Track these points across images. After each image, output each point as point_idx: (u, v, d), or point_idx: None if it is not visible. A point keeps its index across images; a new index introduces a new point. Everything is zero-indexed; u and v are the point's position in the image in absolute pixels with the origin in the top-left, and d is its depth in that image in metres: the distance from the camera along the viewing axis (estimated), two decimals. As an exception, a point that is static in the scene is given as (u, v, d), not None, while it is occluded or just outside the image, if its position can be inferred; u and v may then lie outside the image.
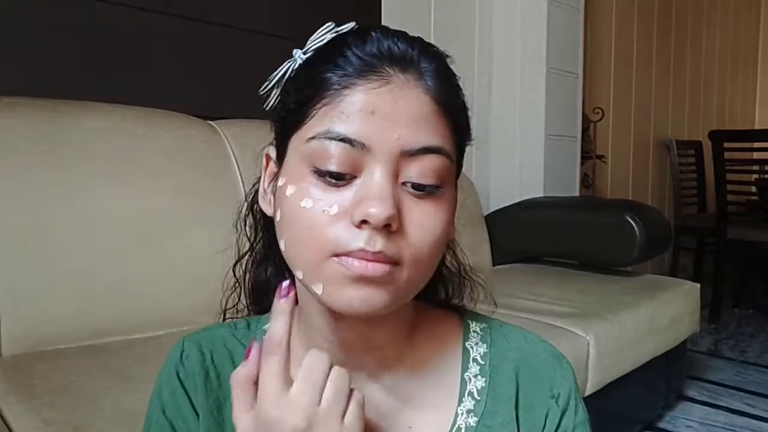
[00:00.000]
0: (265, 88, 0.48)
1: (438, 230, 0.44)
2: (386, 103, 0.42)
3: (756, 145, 3.04)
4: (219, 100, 1.54)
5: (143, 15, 1.41)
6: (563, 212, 2.06)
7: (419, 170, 0.43)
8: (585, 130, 2.74)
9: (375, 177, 0.42)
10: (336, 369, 0.42)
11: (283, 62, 0.48)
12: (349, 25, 0.47)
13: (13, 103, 1.12)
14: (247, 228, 0.56)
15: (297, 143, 0.44)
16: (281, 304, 0.44)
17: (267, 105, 0.49)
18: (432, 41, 0.47)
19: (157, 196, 1.23)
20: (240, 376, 0.42)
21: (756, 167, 3.24)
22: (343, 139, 0.41)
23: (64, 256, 1.08)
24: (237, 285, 0.58)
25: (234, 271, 0.58)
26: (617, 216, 1.85)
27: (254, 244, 0.56)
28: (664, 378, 1.86)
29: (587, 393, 1.43)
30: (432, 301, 0.57)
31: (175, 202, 1.25)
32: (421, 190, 0.43)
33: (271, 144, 0.50)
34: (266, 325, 0.55)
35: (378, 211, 0.40)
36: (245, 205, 0.56)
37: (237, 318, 0.58)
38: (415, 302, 0.52)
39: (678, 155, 3.63)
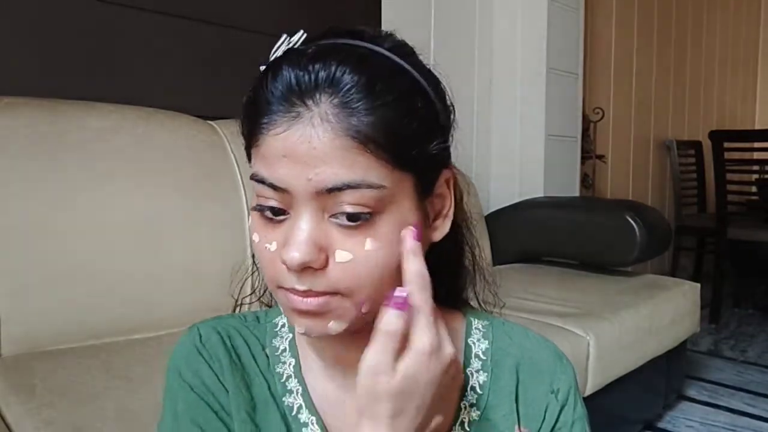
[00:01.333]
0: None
1: (377, 258, 0.43)
2: (295, 145, 0.41)
3: (756, 145, 3.04)
4: (219, 100, 1.54)
5: (143, 15, 1.41)
6: (563, 212, 2.06)
7: (342, 204, 0.42)
8: (585, 130, 2.74)
9: (297, 220, 0.43)
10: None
11: None
12: (297, 37, 0.46)
13: (13, 103, 1.12)
14: None
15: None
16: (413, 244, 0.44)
17: None
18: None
19: (157, 196, 1.23)
20: (394, 327, 0.42)
21: (756, 167, 3.24)
22: (267, 184, 0.43)
23: (64, 256, 1.08)
24: (251, 273, 0.58)
25: (253, 258, 0.58)
26: (617, 216, 1.85)
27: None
28: (664, 378, 1.86)
29: (587, 393, 1.43)
30: (435, 299, 0.57)
31: (175, 201, 1.25)
32: (345, 221, 0.42)
33: None
34: (276, 318, 0.56)
35: (292, 258, 0.41)
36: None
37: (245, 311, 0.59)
38: None
39: (678, 155, 3.63)
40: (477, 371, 0.53)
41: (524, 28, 2.32)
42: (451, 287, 0.57)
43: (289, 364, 0.53)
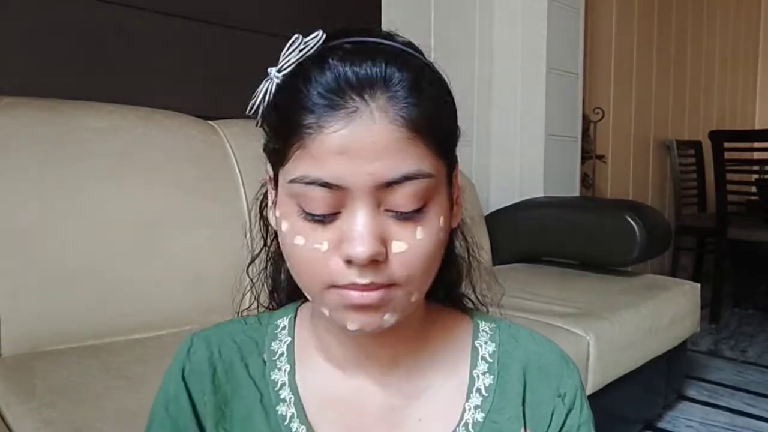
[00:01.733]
0: (250, 109, 0.48)
1: (427, 246, 0.44)
2: (354, 141, 0.41)
3: (756, 145, 3.04)
4: (219, 100, 1.54)
5: (143, 15, 1.41)
6: (563, 212, 2.06)
7: (399, 198, 0.43)
8: (585, 130, 2.74)
9: (355, 216, 0.42)
10: None
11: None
12: (316, 37, 0.45)
13: (13, 103, 1.12)
14: (260, 227, 0.56)
15: (283, 180, 0.45)
16: None
17: (257, 124, 0.49)
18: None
19: (157, 196, 1.23)
20: None
21: (756, 167, 3.24)
22: (320, 184, 0.42)
23: (64, 256, 1.08)
24: (251, 286, 0.58)
25: (248, 272, 0.58)
26: (617, 216, 1.85)
27: (269, 244, 0.57)
28: (664, 378, 1.86)
29: (587, 393, 1.42)
30: (444, 301, 0.58)
31: (175, 201, 1.25)
32: (402, 212, 0.43)
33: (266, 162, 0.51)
34: (278, 320, 0.56)
35: (360, 252, 0.41)
36: (255, 206, 0.57)
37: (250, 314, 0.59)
38: (426, 302, 0.53)
39: (678, 155, 3.63)
40: (483, 374, 0.53)
41: (524, 28, 2.32)
42: (451, 286, 0.58)
43: (284, 370, 0.53)
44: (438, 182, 0.45)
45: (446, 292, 0.58)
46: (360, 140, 0.41)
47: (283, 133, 0.44)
